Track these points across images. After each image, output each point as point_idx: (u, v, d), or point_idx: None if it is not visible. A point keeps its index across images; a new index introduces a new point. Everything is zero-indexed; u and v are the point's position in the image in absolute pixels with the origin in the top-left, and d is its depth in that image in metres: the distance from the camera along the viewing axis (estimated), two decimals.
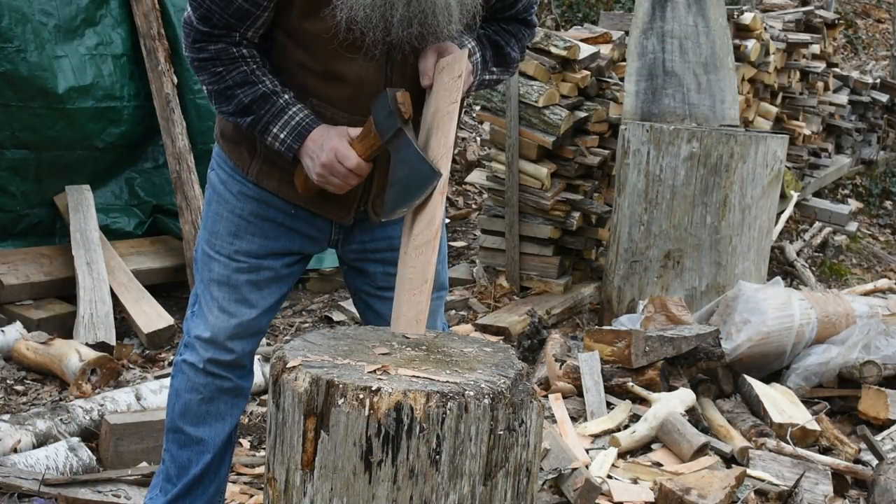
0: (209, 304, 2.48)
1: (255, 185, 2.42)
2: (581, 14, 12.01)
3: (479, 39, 2.31)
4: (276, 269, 2.48)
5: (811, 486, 3.40)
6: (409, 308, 1.99)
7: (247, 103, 2.24)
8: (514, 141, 5.62)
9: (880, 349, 4.19)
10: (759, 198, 5.09)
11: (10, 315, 4.82)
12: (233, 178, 2.44)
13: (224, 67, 2.24)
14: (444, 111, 2.06)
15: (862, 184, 9.82)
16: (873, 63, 13.03)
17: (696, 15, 5.42)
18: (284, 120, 2.23)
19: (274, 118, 2.23)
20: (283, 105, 2.23)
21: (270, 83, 2.24)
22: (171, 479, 2.60)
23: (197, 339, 2.50)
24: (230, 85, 2.24)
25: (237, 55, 2.23)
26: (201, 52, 2.24)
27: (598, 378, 3.92)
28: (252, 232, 2.44)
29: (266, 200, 2.42)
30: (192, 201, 5.28)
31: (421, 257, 2.00)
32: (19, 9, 4.95)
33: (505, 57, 2.38)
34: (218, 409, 2.54)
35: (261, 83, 2.24)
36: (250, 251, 2.44)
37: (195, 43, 2.25)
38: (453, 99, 2.04)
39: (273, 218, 2.44)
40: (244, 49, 2.24)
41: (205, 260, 2.49)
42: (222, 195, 2.46)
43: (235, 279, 2.45)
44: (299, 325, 5.31)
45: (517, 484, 1.90)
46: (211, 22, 2.20)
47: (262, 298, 2.48)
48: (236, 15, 2.18)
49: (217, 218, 2.47)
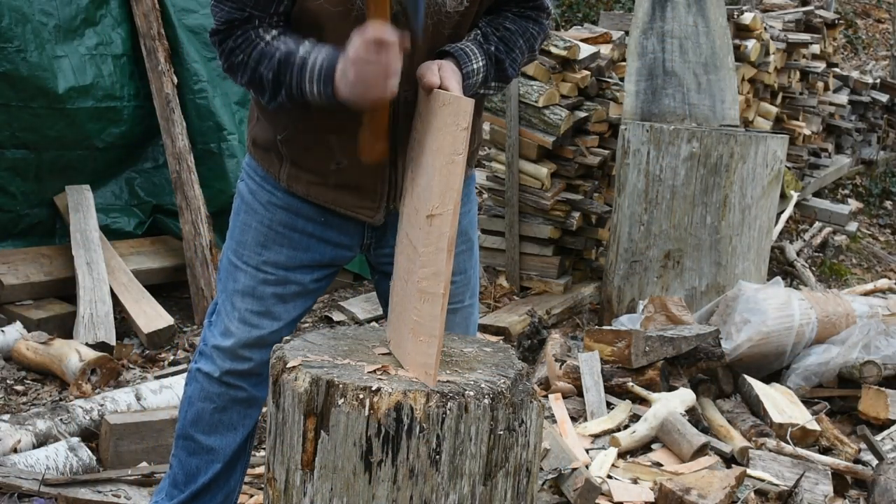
0: (230, 314, 2.45)
1: (284, 194, 2.39)
2: (581, 14, 12.02)
3: (488, 56, 2.26)
4: (304, 284, 2.45)
5: (811, 486, 3.40)
6: (417, 353, 1.93)
7: (272, 78, 2.17)
8: (514, 141, 5.62)
9: (880, 349, 4.19)
10: (759, 198, 5.09)
11: (10, 315, 4.82)
12: (262, 188, 2.42)
13: (243, 53, 2.18)
14: (448, 158, 1.95)
15: (862, 184, 9.82)
16: (873, 63, 13.03)
17: (696, 15, 5.42)
18: (309, 73, 2.13)
19: (300, 78, 2.14)
20: (302, 60, 2.13)
21: (285, 45, 2.15)
22: (179, 486, 2.59)
23: (215, 348, 2.47)
24: (254, 67, 2.18)
25: (253, 37, 2.17)
26: (226, 53, 2.20)
27: (598, 378, 3.92)
28: (281, 243, 2.41)
29: (295, 210, 2.40)
30: (192, 201, 5.27)
31: (426, 305, 1.93)
32: (19, 9, 4.95)
33: (504, 72, 2.34)
34: (231, 418, 2.53)
35: (276, 50, 2.15)
36: (278, 262, 2.41)
37: (220, 47, 2.21)
38: (458, 151, 1.93)
39: (302, 228, 2.40)
40: (261, 30, 2.17)
41: (230, 270, 2.46)
42: (251, 205, 2.43)
43: (261, 291, 2.43)
44: (299, 325, 5.31)
45: (517, 484, 1.90)
46: (233, 18, 2.16)
47: (286, 312, 2.45)
48: (259, 5, 2.14)
49: (245, 228, 2.44)
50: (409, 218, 2.09)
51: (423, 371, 1.88)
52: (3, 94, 4.91)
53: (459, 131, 1.92)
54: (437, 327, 1.87)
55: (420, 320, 1.92)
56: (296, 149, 2.34)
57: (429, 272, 1.91)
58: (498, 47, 2.29)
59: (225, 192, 5.36)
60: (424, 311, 1.92)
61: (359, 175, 2.31)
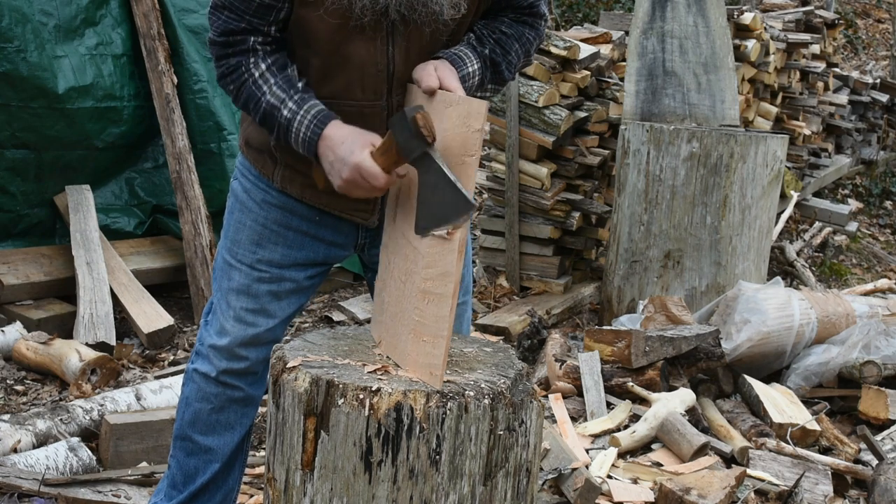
0: (225, 313, 2.46)
1: (279, 193, 2.40)
2: (581, 14, 12.03)
3: (483, 59, 2.26)
4: (299, 282, 2.46)
5: (811, 486, 3.40)
6: (419, 354, 1.93)
7: (259, 120, 2.22)
8: (514, 141, 5.62)
9: (880, 349, 4.19)
10: (759, 198, 5.09)
11: (10, 315, 4.82)
12: (257, 187, 2.43)
13: (233, 84, 2.21)
14: (458, 159, 1.94)
15: (862, 184, 9.82)
16: (873, 63, 13.03)
17: (696, 15, 5.42)
18: (293, 137, 2.18)
19: (286, 136, 2.19)
20: (287, 122, 2.17)
21: (271, 94, 2.18)
22: (177, 486, 2.59)
23: (211, 348, 2.48)
24: (243, 103, 2.22)
25: (243, 71, 2.19)
26: (219, 74, 2.23)
27: (598, 378, 3.92)
28: (275, 241, 2.42)
29: (290, 209, 2.40)
30: (192, 201, 5.28)
31: (432, 305, 1.92)
32: (19, 9, 4.95)
33: (500, 74, 2.33)
34: (228, 418, 2.53)
35: (262, 96, 2.18)
36: (273, 260, 2.42)
37: (216, 63, 2.22)
38: (470, 152, 1.93)
39: (297, 227, 2.41)
40: (251, 57, 2.19)
41: (224, 269, 2.47)
42: (245, 204, 2.44)
43: (256, 289, 2.43)
44: (299, 325, 5.31)
45: (517, 484, 1.90)
46: (230, 30, 2.16)
47: (280, 309, 2.46)
48: (258, 13, 2.14)
49: (239, 227, 2.45)
50: (407, 218, 2.08)
51: (429, 372, 1.88)
52: (3, 94, 4.91)
53: (472, 132, 1.92)
54: (445, 328, 1.87)
55: (423, 321, 1.92)
56: (290, 153, 2.34)
57: (435, 273, 1.91)
58: (494, 50, 2.29)
59: (225, 192, 5.31)
60: (429, 312, 1.91)
61: None
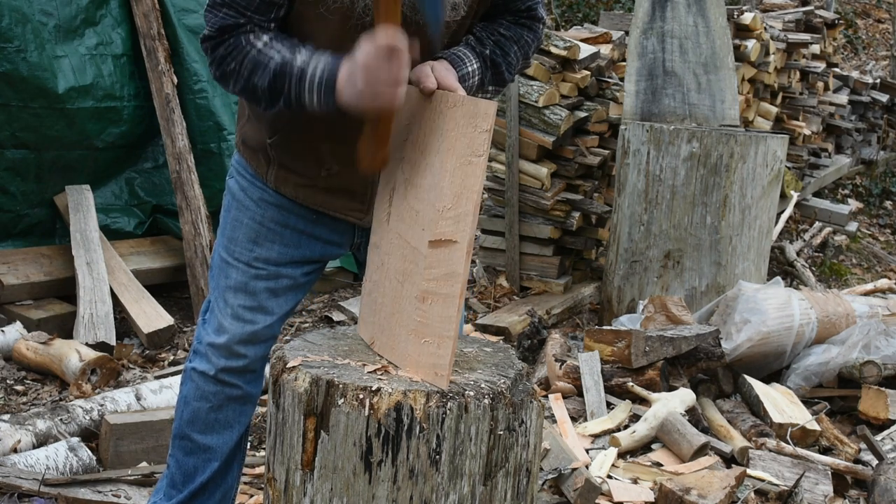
0: (223, 310, 2.46)
1: (275, 192, 2.40)
2: (581, 14, 12.03)
3: (483, 59, 2.26)
4: (295, 278, 2.46)
5: (811, 486, 3.40)
6: (421, 355, 1.92)
7: (268, 88, 2.12)
8: (514, 141, 5.62)
9: (880, 349, 4.19)
10: (759, 198, 5.09)
11: (10, 315, 4.82)
12: (253, 185, 2.43)
13: (234, 61, 2.14)
14: (464, 159, 1.92)
15: (862, 184, 9.82)
16: (873, 63, 13.04)
17: (696, 15, 5.42)
18: (308, 84, 2.07)
19: (299, 89, 2.09)
20: (300, 70, 2.08)
21: (279, 54, 2.10)
22: (177, 486, 2.59)
23: (210, 346, 2.48)
24: (247, 77, 2.13)
25: (244, 44, 2.13)
26: (217, 61, 2.16)
27: (598, 378, 3.92)
28: (272, 239, 2.42)
29: (287, 207, 2.40)
30: (192, 201, 5.28)
31: (435, 306, 1.90)
32: (19, 9, 4.95)
33: (500, 75, 2.33)
34: (226, 417, 2.53)
35: (270, 59, 2.10)
36: (269, 258, 2.43)
37: (212, 54, 2.17)
38: (478, 152, 1.90)
39: (294, 225, 2.42)
40: (252, 36, 2.13)
41: (222, 267, 2.47)
42: (242, 202, 2.44)
43: (253, 286, 2.43)
44: (299, 325, 5.31)
45: (517, 484, 1.90)
46: (227, 24, 2.12)
47: (278, 306, 2.46)
48: (259, 10, 2.12)
49: (236, 224, 2.45)
50: (403, 218, 2.07)
51: (433, 372, 1.87)
52: (3, 94, 4.91)
53: (479, 133, 1.92)
54: (451, 329, 1.85)
55: (425, 321, 1.91)
56: (285, 153, 2.33)
57: (439, 273, 1.90)
58: (494, 51, 2.29)
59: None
60: (431, 313, 1.90)
61: (349, 179, 2.31)
